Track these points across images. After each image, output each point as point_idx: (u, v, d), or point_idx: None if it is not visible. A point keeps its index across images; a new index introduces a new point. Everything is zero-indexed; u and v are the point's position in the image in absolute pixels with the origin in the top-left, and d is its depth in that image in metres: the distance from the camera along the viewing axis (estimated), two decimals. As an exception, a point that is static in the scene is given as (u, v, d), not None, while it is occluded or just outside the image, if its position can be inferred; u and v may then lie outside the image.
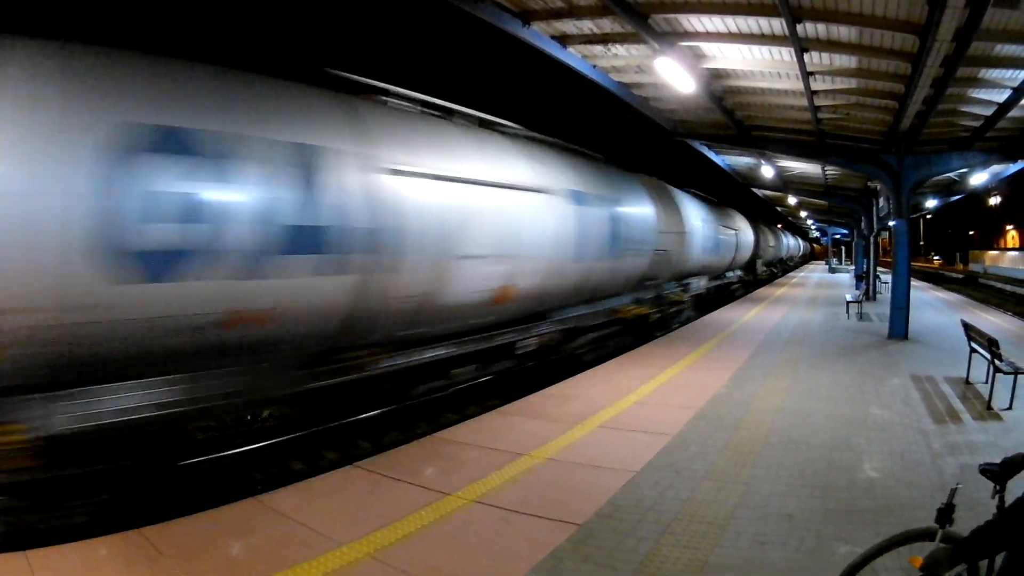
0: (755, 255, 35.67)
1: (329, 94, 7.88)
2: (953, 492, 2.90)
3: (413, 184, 8.26)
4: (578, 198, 12.19)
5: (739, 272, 32.52)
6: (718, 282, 26.66)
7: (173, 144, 5.90)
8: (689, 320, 19.45)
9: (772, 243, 45.26)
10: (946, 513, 2.86)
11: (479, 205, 9.39)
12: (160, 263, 5.79)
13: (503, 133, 11.30)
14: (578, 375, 10.43)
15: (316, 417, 8.79)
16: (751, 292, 30.92)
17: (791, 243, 62.26)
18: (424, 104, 9.52)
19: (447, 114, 9.99)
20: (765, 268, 42.83)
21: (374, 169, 7.75)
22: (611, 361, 11.74)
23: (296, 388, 7.60)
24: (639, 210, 15.46)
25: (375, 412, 9.30)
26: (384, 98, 8.90)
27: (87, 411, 5.71)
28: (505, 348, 11.00)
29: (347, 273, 7.46)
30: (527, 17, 9.68)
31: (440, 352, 9.55)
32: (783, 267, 54.25)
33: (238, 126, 6.48)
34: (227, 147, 6.29)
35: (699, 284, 22.32)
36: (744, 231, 30.71)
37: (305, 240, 6.93)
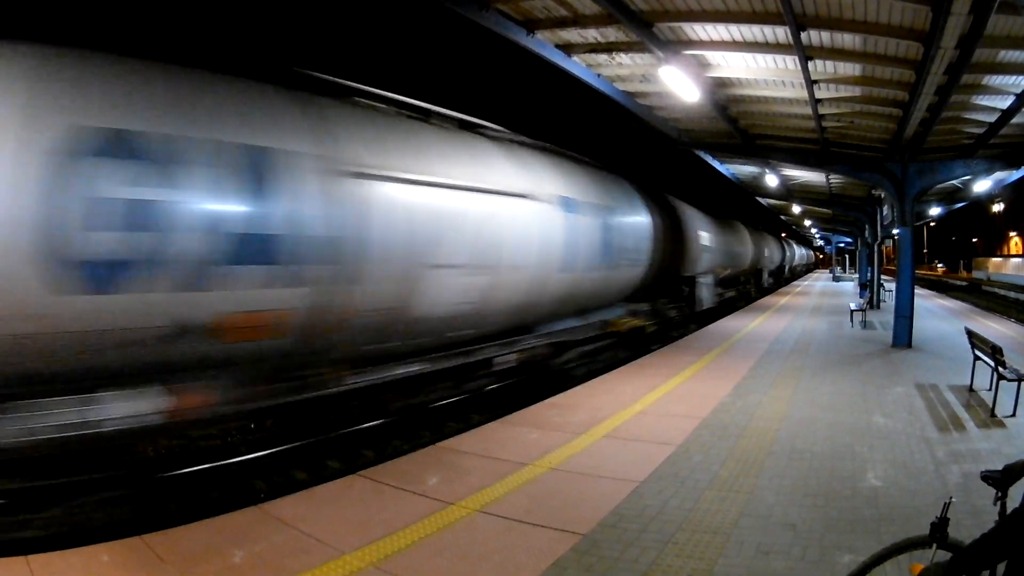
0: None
1: (288, 94, 7.42)
2: (947, 506, 2.86)
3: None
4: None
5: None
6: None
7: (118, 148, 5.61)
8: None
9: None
10: (940, 527, 2.83)
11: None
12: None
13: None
14: (581, 385, 10.42)
15: (318, 426, 8.80)
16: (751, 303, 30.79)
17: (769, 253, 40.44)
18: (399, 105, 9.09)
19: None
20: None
21: (336, 172, 7.37)
22: (614, 371, 11.72)
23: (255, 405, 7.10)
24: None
25: (379, 421, 9.31)
26: (356, 99, 8.49)
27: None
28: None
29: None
30: (531, 26, 9.69)
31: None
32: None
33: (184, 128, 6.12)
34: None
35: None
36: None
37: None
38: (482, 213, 9.45)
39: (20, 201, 5.11)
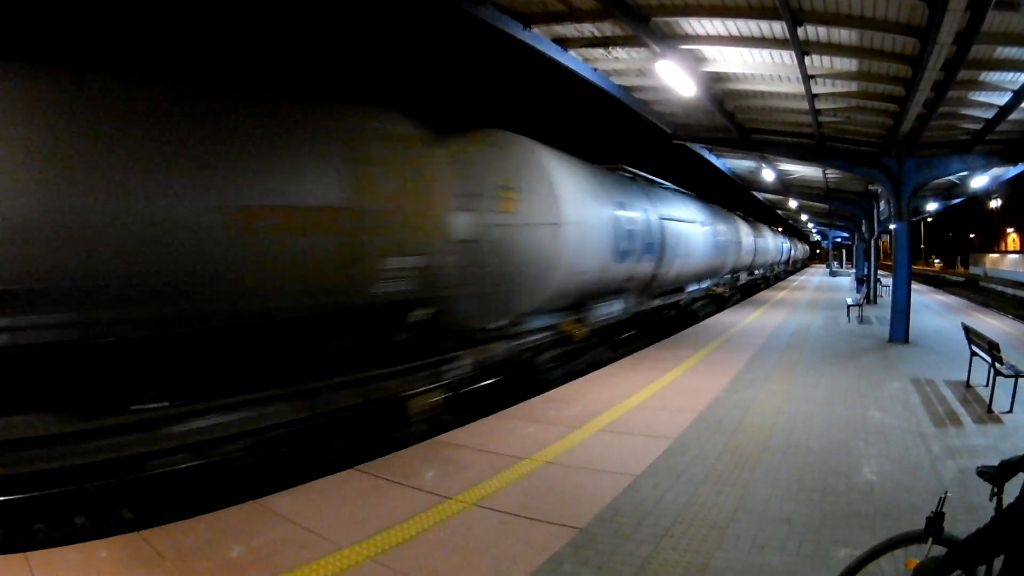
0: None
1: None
2: (942, 500, 2.85)
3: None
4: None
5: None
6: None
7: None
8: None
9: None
10: (935, 522, 2.82)
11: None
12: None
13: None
14: (577, 379, 10.43)
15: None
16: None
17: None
18: None
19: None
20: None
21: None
22: (610, 365, 11.75)
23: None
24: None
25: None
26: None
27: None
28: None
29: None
30: (528, 20, 9.68)
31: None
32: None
33: None
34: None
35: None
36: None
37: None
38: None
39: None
